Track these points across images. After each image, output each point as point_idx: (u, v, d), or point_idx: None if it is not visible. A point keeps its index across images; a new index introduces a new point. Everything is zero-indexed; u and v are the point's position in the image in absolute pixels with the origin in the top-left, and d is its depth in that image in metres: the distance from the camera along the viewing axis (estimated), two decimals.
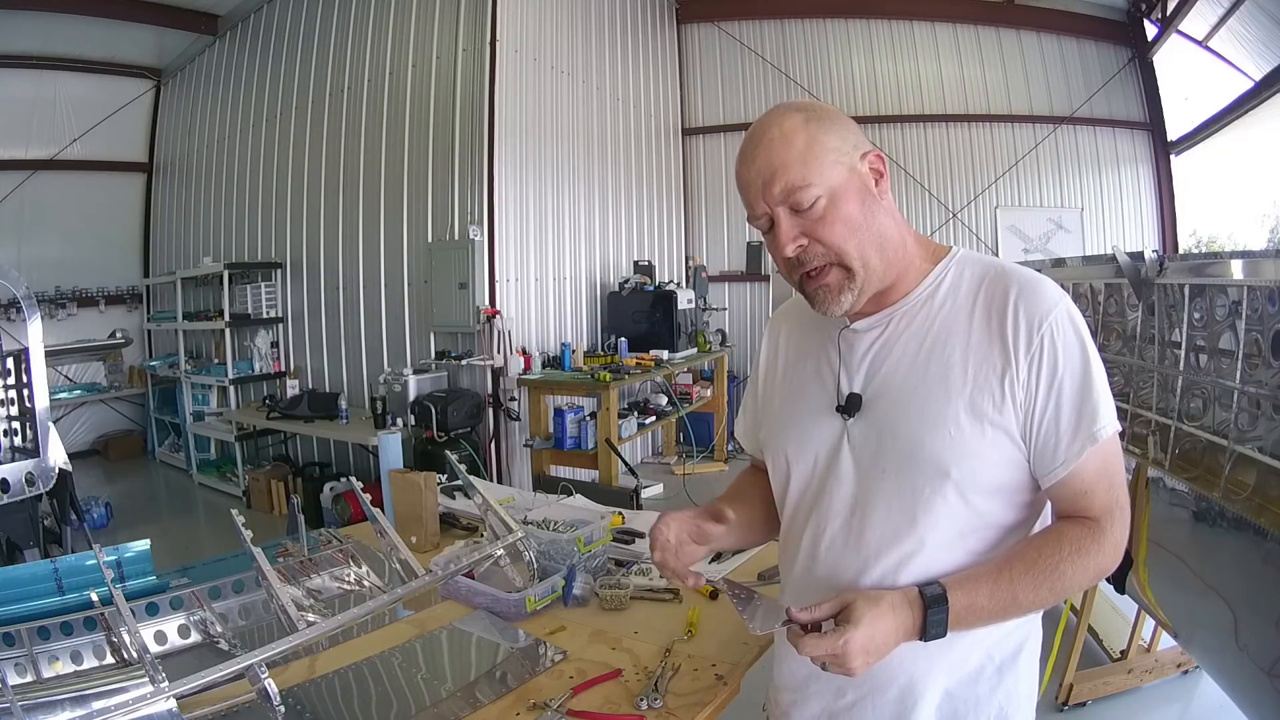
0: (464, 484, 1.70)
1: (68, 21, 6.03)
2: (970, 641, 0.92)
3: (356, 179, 5.40)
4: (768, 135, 0.89)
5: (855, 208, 0.89)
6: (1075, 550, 0.86)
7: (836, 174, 0.88)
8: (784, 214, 0.89)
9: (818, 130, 0.89)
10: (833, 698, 0.99)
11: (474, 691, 1.23)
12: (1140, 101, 6.60)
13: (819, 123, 0.89)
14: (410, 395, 4.58)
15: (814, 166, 0.87)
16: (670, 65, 7.22)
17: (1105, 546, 0.88)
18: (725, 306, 7.12)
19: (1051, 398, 0.87)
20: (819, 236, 0.89)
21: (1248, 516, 1.73)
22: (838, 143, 0.89)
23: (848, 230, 0.89)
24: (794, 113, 0.90)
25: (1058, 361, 0.87)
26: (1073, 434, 0.87)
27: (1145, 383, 2.39)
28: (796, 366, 1.06)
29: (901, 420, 0.92)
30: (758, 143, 0.90)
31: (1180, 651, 2.76)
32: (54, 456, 2.72)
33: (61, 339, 6.39)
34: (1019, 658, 0.96)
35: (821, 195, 0.88)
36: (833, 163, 0.88)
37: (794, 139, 0.88)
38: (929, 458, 0.89)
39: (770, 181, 0.88)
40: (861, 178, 0.90)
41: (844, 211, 0.89)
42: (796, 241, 0.90)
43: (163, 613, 1.40)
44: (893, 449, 0.92)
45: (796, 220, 0.89)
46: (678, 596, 1.56)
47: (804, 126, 0.89)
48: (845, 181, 0.89)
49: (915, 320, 0.94)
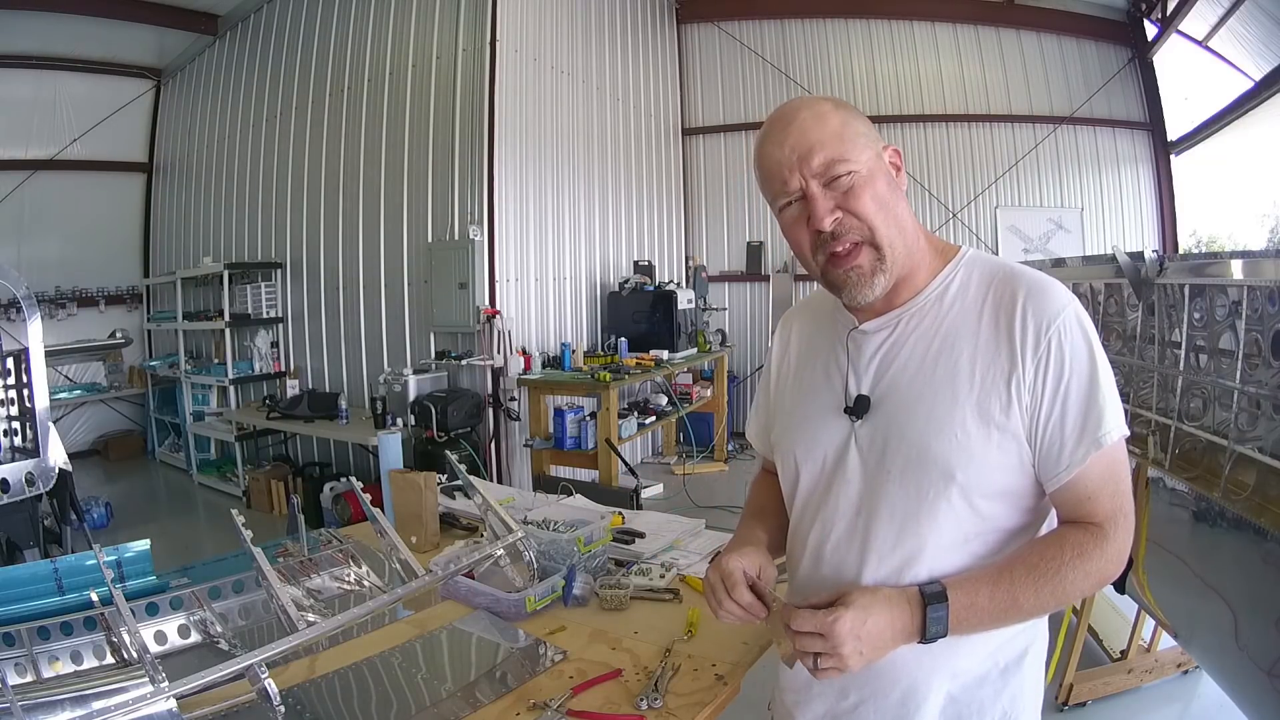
0: (464, 484, 1.69)
1: (68, 21, 6.03)
2: (974, 646, 0.92)
3: (356, 179, 5.40)
4: (799, 115, 0.92)
5: (885, 188, 0.92)
6: (1077, 555, 0.86)
7: (869, 155, 0.91)
8: (817, 190, 0.90)
9: (849, 114, 0.93)
10: (836, 699, 0.99)
11: (474, 691, 1.22)
12: (1140, 101, 6.60)
13: (847, 110, 0.94)
14: (410, 395, 4.58)
15: (850, 144, 0.90)
16: (670, 65, 7.22)
17: (1108, 553, 0.87)
18: (725, 306, 7.13)
19: (1057, 401, 0.87)
20: (854, 209, 0.90)
21: (1248, 516, 1.73)
22: (866, 129, 0.93)
23: (879, 206, 0.91)
24: (822, 100, 0.94)
25: (1064, 364, 0.87)
26: (1078, 438, 0.86)
27: (1145, 383, 2.39)
28: (806, 367, 1.07)
29: (908, 423, 0.92)
30: (789, 122, 0.92)
31: (1180, 651, 2.76)
32: (54, 456, 2.72)
33: (61, 339, 6.39)
34: (1024, 662, 0.95)
35: (857, 170, 0.90)
36: (865, 145, 0.91)
37: (829, 119, 0.91)
38: (934, 461, 0.89)
39: (807, 155, 0.90)
40: (885, 166, 0.93)
41: (876, 189, 0.91)
42: (834, 214, 0.90)
43: (163, 613, 1.39)
44: (899, 452, 0.92)
45: (831, 194, 0.91)
46: (678, 597, 1.56)
47: (836, 110, 0.93)
48: (875, 165, 0.92)
49: (924, 321, 0.95)
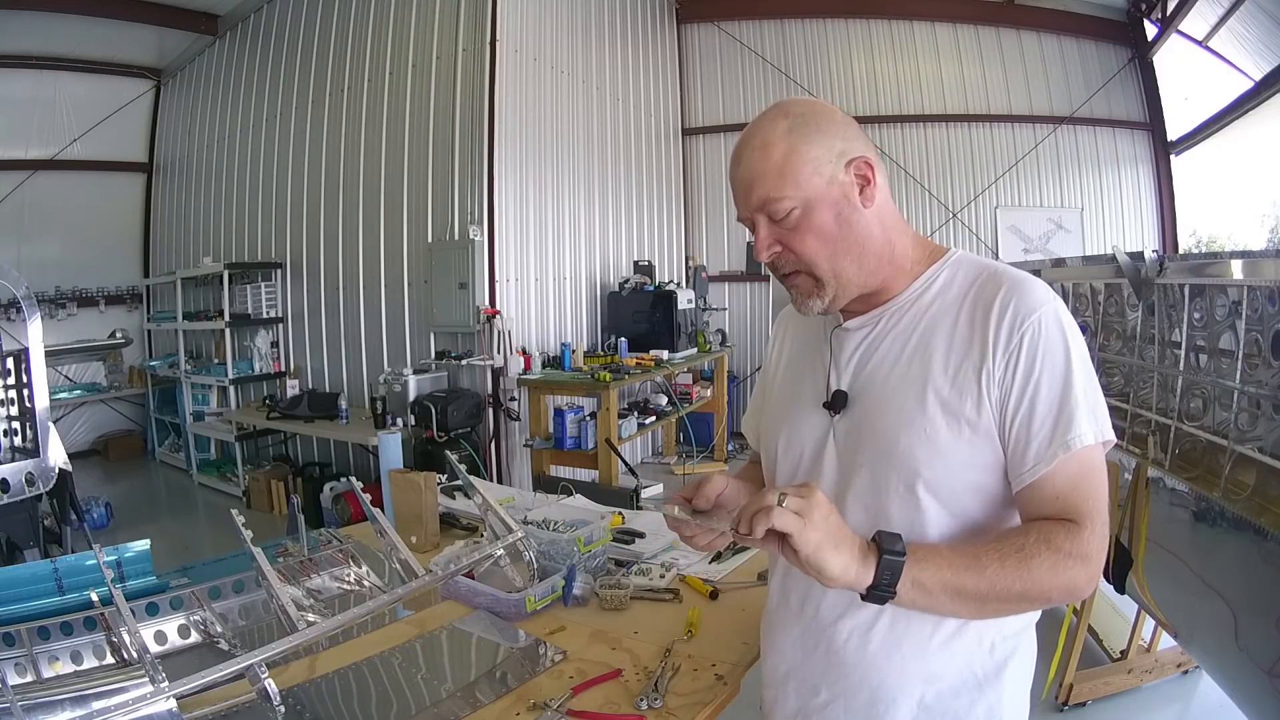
0: (464, 484, 1.69)
1: (68, 21, 6.03)
2: (949, 652, 0.91)
3: (356, 179, 5.40)
4: (750, 144, 0.91)
5: (829, 219, 0.90)
6: (1043, 540, 0.81)
7: (814, 185, 0.89)
8: (762, 221, 0.92)
9: (798, 140, 0.89)
10: (808, 695, 0.99)
11: (474, 691, 1.23)
12: (1140, 101, 6.60)
13: (802, 131, 0.89)
14: (410, 395, 4.58)
15: (789, 179, 0.88)
16: (670, 65, 7.22)
17: (1077, 549, 0.81)
18: (725, 306, 7.13)
19: (1025, 397, 0.85)
20: (791, 246, 0.92)
21: (1248, 516, 1.73)
22: (819, 152, 0.89)
23: (819, 241, 0.91)
24: (780, 119, 0.90)
25: (1036, 360, 0.85)
26: (1047, 438, 0.84)
27: (1145, 383, 2.39)
28: (795, 363, 1.09)
29: (880, 418, 0.92)
30: (742, 150, 0.92)
31: (1180, 651, 2.76)
32: (54, 456, 2.72)
33: (61, 339, 6.39)
34: (1003, 674, 0.92)
35: (796, 207, 0.89)
36: (810, 174, 0.88)
37: (772, 151, 0.89)
38: (901, 456, 0.89)
39: (749, 191, 0.91)
40: (842, 187, 0.90)
41: (817, 222, 0.90)
42: (771, 249, 0.93)
43: (163, 613, 1.39)
44: (870, 446, 0.92)
45: (773, 228, 0.92)
46: (678, 597, 1.56)
47: (785, 137, 0.89)
48: (822, 193, 0.89)
49: (903, 319, 0.95)
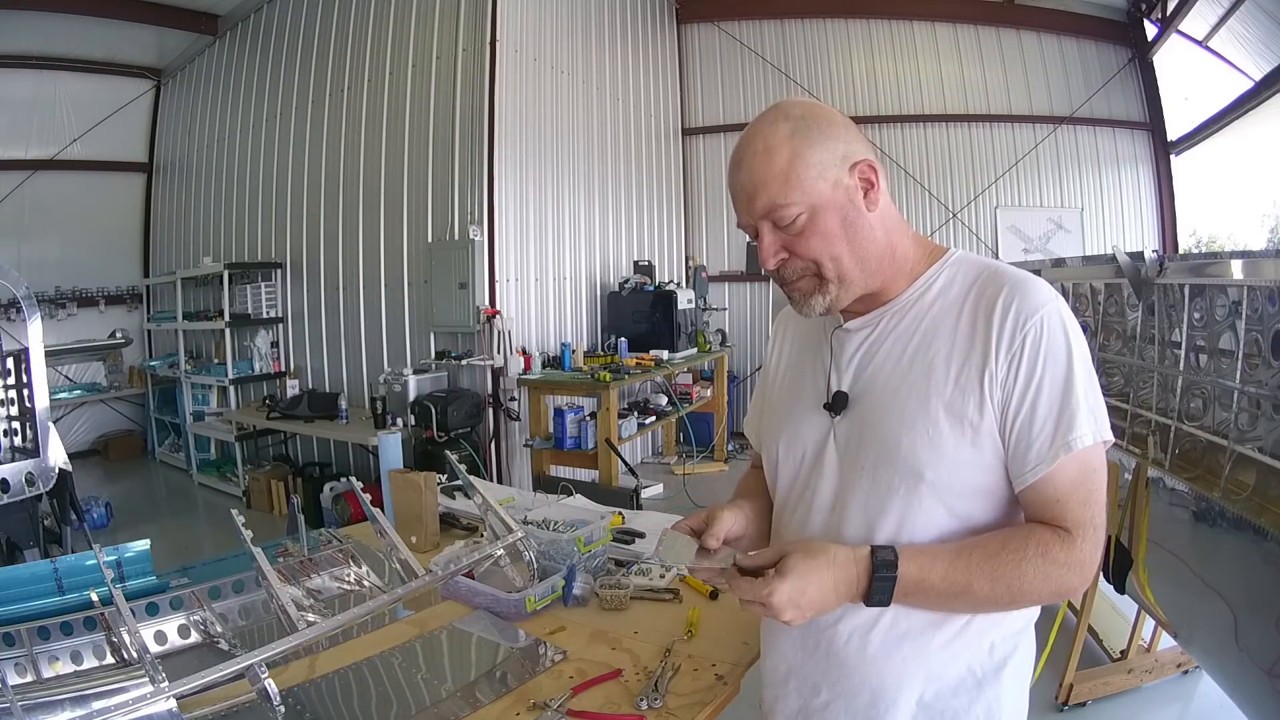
0: (464, 484, 1.69)
1: (68, 21, 6.03)
2: (949, 652, 0.91)
3: (356, 179, 5.40)
4: (752, 148, 0.90)
5: (835, 223, 0.90)
6: (1040, 553, 0.83)
7: (818, 190, 0.88)
8: (767, 228, 0.92)
9: (802, 144, 0.88)
10: (809, 695, 0.99)
11: (474, 691, 1.23)
12: (1140, 101, 6.60)
13: (805, 135, 0.88)
14: (410, 395, 4.58)
15: (795, 184, 0.88)
16: (670, 65, 7.22)
17: (1072, 559, 0.84)
18: (725, 306, 7.13)
19: (1028, 398, 0.85)
20: (798, 251, 0.92)
21: (1248, 516, 1.73)
22: (823, 156, 0.88)
23: (825, 244, 0.90)
24: (782, 123, 0.89)
25: (1039, 360, 0.85)
26: (1048, 439, 0.84)
27: (1145, 383, 2.39)
28: (796, 364, 1.09)
29: (881, 420, 0.92)
30: (743, 155, 0.91)
31: (1180, 651, 2.76)
32: (54, 456, 2.72)
33: (61, 339, 6.40)
34: (1002, 673, 0.92)
35: (802, 212, 0.89)
36: (815, 179, 0.88)
37: (776, 156, 0.88)
38: (904, 458, 0.89)
39: (753, 198, 0.90)
40: (847, 191, 0.90)
41: (823, 227, 0.90)
42: (778, 256, 0.93)
43: (163, 613, 1.39)
44: (872, 447, 0.92)
45: (778, 234, 0.91)
46: (678, 597, 1.56)
47: (788, 141, 0.88)
48: (827, 198, 0.89)
49: (904, 320, 0.95)
